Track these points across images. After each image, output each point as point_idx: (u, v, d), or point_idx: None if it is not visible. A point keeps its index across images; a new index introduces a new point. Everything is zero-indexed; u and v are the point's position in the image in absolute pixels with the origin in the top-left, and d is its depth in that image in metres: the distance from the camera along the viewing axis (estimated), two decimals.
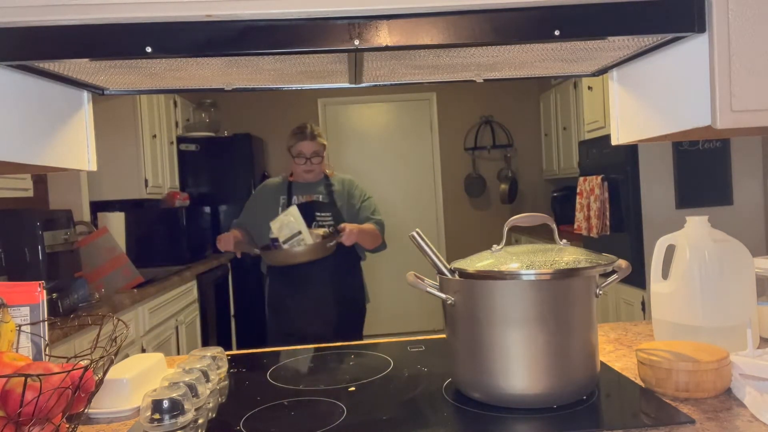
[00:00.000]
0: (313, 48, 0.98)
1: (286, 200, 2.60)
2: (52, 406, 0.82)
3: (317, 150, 2.62)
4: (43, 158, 1.09)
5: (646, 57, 1.18)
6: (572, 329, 1.05)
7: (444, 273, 1.12)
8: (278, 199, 2.62)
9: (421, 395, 1.17)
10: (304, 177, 2.63)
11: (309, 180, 2.64)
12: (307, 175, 2.62)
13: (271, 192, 2.68)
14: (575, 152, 4.36)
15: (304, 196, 2.62)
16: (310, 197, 2.61)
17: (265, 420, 1.07)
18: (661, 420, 0.95)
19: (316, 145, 2.61)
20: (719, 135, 1.13)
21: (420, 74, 1.28)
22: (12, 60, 0.97)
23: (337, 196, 2.65)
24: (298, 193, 2.62)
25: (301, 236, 2.40)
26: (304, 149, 2.59)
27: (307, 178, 2.63)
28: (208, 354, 1.25)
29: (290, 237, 2.40)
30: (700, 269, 1.25)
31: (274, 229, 2.43)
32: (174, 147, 4.44)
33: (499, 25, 0.97)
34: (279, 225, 2.43)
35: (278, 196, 2.63)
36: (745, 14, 0.97)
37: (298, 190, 2.63)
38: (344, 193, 2.65)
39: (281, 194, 2.64)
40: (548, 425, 0.98)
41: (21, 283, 1.07)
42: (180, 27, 0.95)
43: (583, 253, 1.08)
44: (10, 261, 2.29)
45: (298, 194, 2.62)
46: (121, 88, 1.25)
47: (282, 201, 2.60)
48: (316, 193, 2.63)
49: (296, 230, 2.41)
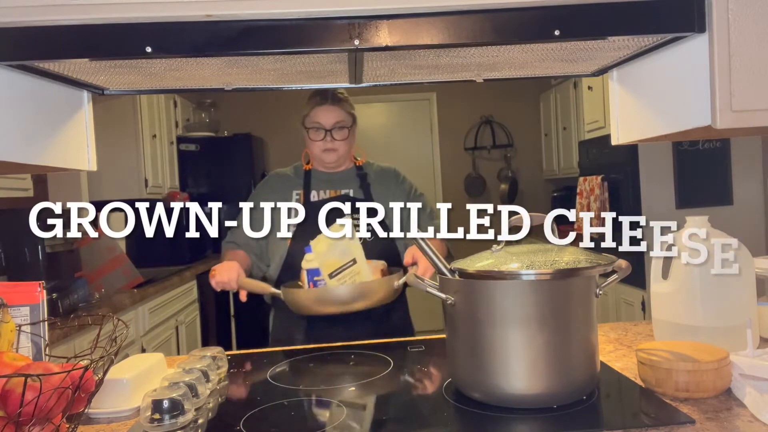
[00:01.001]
0: (313, 48, 0.98)
1: (301, 196, 1.86)
2: (52, 406, 0.82)
3: (342, 120, 1.80)
4: (43, 158, 1.09)
5: (646, 57, 1.18)
6: (572, 329, 1.05)
7: (444, 273, 1.12)
8: (290, 194, 1.89)
9: (421, 395, 1.17)
10: (324, 162, 1.84)
11: (331, 167, 1.87)
12: (327, 158, 1.82)
13: (281, 185, 1.91)
14: (575, 152, 4.36)
15: (328, 190, 1.86)
16: (336, 192, 1.85)
17: (265, 420, 1.07)
18: (661, 420, 0.95)
19: (340, 113, 1.81)
20: (719, 135, 1.13)
21: (420, 74, 1.28)
22: (12, 60, 0.97)
23: (376, 191, 1.85)
24: (319, 186, 1.85)
25: (356, 267, 1.55)
26: (322, 118, 1.80)
27: (328, 163, 1.85)
28: (208, 354, 1.25)
29: (340, 268, 1.55)
30: (700, 269, 1.25)
31: (315, 252, 1.58)
32: (174, 147, 4.44)
33: (499, 25, 0.97)
34: (324, 247, 1.56)
35: (290, 191, 1.88)
36: (745, 14, 0.97)
37: (319, 182, 1.86)
38: (386, 188, 1.87)
39: (294, 188, 1.88)
40: (548, 425, 0.98)
41: (21, 283, 1.07)
42: (180, 27, 0.95)
43: (583, 253, 1.07)
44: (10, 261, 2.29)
45: (318, 188, 1.85)
46: (121, 88, 1.25)
47: (296, 197, 1.88)
48: (345, 186, 1.86)
49: (350, 258, 1.55)
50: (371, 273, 1.57)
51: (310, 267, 1.57)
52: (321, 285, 1.55)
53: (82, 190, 3.26)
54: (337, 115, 1.80)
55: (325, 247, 1.55)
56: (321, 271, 1.56)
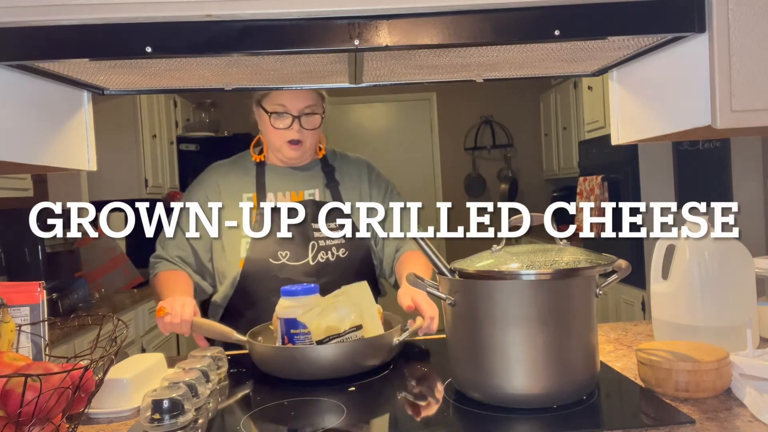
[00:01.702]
0: (313, 48, 0.98)
1: (254, 201, 1.51)
2: (52, 406, 0.82)
3: (313, 105, 1.47)
4: (43, 158, 1.09)
5: (646, 57, 1.18)
6: (572, 329, 1.05)
7: (444, 273, 1.12)
8: (240, 198, 1.51)
9: (421, 395, 1.17)
10: (286, 155, 1.50)
11: (294, 162, 1.53)
12: (290, 152, 1.49)
13: (226, 186, 1.53)
14: (575, 152, 4.36)
15: (288, 191, 1.53)
16: (298, 194, 1.53)
17: (265, 420, 1.07)
18: (661, 420, 0.95)
19: (311, 95, 1.47)
20: (719, 135, 1.13)
21: (420, 74, 1.28)
22: (12, 60, 0.97)
23: (346, 191, 1.55)
24: (277, 185, 1.53)
25: (359, 333, 1.24)
26: (288, 100, 1.45)
27: (290, 159, 1.51)
28: (208, 354, 1.25)
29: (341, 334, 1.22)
30: (700, 269, 1.25)
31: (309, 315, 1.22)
32: (174, 147, 4.44)
33: (499, 25, 0.97)
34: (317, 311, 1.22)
35: (239, 194, 1.52)
36: (745, 14, 0.97)
37: (277, 182, 1.53)
38: (357, 187, 1.56)
39: (246, 190, 1.52)
40: (548, 425, 0.98)
41: (21, 283, 1.07)
42: (180, 27, 0.95)
43: (583, 253, 1.07)
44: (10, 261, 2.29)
45: (275, 188, 1.53)
46: (121, 88, 1.25)
47: (248, 202, 1.51)
48: (309, 185, 1.55)
49: (358, 323, 1.23)
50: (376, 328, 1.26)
51: (286, 316, 1.23)
52: (301, 342, 1.21)
53: (82, 190, 3.26)
54: (307, 98, 1.45)
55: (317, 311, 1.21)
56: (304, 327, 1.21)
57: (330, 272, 1.47)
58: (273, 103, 1.47)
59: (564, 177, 4.88)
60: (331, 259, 1.49)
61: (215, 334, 1.32)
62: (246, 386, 1.26)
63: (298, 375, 1.20)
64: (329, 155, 1.61)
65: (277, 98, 1.46)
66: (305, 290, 1.26)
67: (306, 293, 1.26)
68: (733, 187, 3.18)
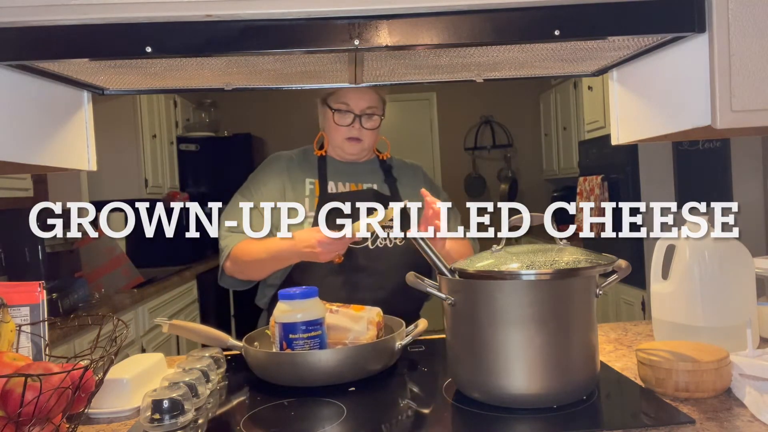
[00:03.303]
0: (313, 48, 0.98)
1: (316, 186, 1.58)
2: (52, 406, 0.82)
3: (374, 106, 1.58)
4: (43, 158, 1.09)
5: (646, 57, 1.18)
6: (572, 329, 1.05)
7: (444, 273, 1.12)
8: (303, 183, 1.58)
9: (421, 395, 1.17)
10: (346, 152, 1.60)
11: (353, 158, 1.62)
12: (350, 148, 1.58)
13: (291, 170, 1.61)
14: (575, 152, 4.36)
15: (348, 183, 1.60)
16: (358, 185, 1.60)
17: (265, 420, 1.07)
18: (661, 420, 0.95)
19: (374, 97, 1.58)
20: (719, 135, 1.13)
21: (420, 74, 1.28)
22: (12, 60, 0.97)
23: (403, 188, 1.65)
24: (337, 177, 1.60)
25: None
26: (352, 99, 1.55)
27: (350, 155, 1.61)
28: (207, 354, 1.25)
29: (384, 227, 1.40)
30: (700, 269, 1.25)
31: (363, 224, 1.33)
32: (174, 147, 4.44)
33: (499, 25, 0.97)
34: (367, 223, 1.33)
35: (303, 179, 1.59)
36: (745, 14, 0.97)
37: (337, 173, 1.61)
38: (414, 186, 1.63)
39: (307, 175, 1.60)
40: (548, 425, 0.98)
41: (21, 283, 1.07)
42: (180, 27, 0.95)
43: (583, 253, 1.07)
44: (10, 261, 2.29)
45: (336, 179, 1.60)
46: (121, 88, 1.25)
47: (309, 186, 1.58)
48: (368, 179, 1.63)
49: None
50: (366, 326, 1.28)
51: (285, 320, 1.21)
52: (300, 347, 1.20)
53: (82, 190, 3.26)
54: (370, 99, 1.56)
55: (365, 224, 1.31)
56: (304, 332, 1.19)
57: (387, 258, 1.54)
58: (337, 101, 1.56)
59: (564, 177, 4.88)
60: (389, 245, 1.56)
61: (210, 339, 1.32)
62: (246, 386, 1.26)
63: (299, 382, 1.19)
64: (390, 160, 1.71)
65: (341, 96, 1.55)
66: (304, 293, 1.24)
67: (305, 297, 1.24)
68: (733, 187, 3.18)
